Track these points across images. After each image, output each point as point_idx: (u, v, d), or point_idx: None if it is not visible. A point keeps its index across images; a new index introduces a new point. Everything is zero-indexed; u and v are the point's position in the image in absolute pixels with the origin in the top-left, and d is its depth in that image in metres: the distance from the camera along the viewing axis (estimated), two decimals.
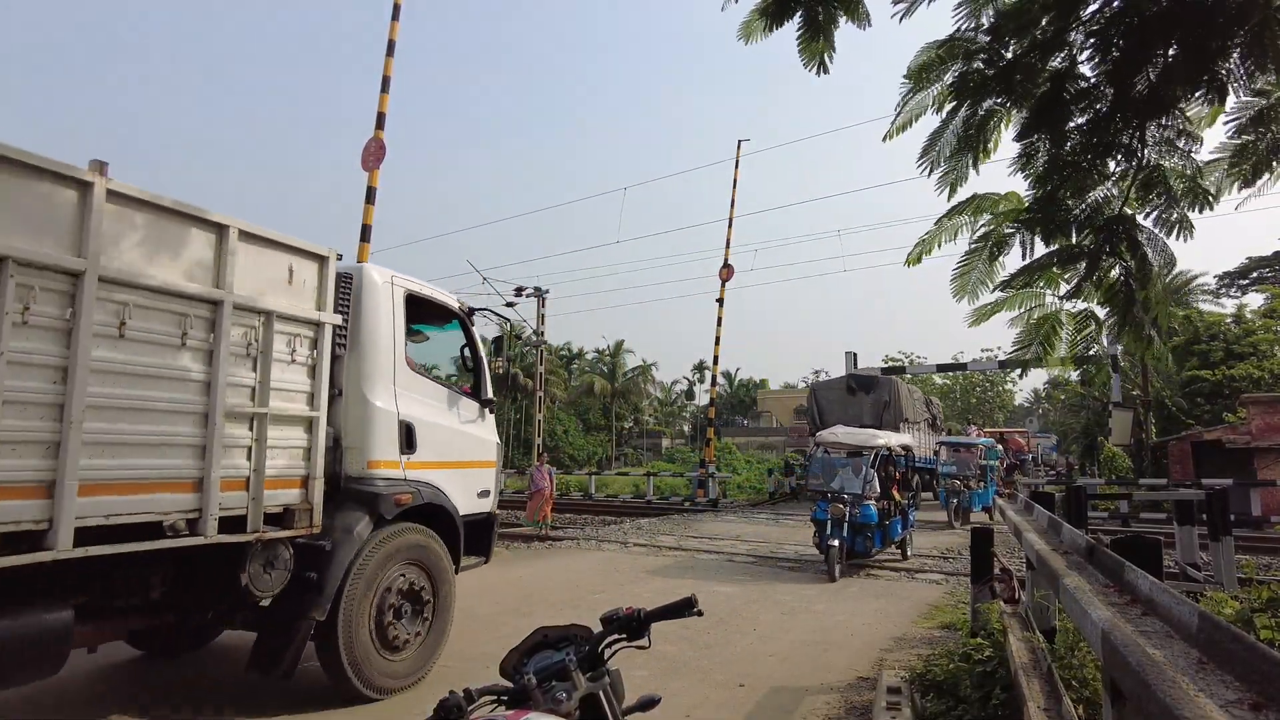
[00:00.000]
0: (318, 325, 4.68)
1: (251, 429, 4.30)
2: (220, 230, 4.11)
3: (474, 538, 6.10)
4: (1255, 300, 30.82)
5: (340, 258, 5.06)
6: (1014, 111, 3.36)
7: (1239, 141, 3.40)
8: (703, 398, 55.44)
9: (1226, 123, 3.37)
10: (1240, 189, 3.51)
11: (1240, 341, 26.43)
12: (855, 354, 27.16)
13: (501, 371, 7.09)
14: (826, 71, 3.39)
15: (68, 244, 3.47)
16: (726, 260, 24.63)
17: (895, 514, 11.28)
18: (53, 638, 3.55)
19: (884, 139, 3.65)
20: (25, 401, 3.27)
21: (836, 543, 9.87)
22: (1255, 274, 36.04)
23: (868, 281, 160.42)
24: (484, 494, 6.33)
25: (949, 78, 3.32)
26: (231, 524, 4.15)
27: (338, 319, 4.92)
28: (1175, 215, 3.44)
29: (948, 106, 3.37)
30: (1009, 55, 3.18)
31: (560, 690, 1.75)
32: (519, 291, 25.47)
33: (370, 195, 14.04)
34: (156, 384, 3.83)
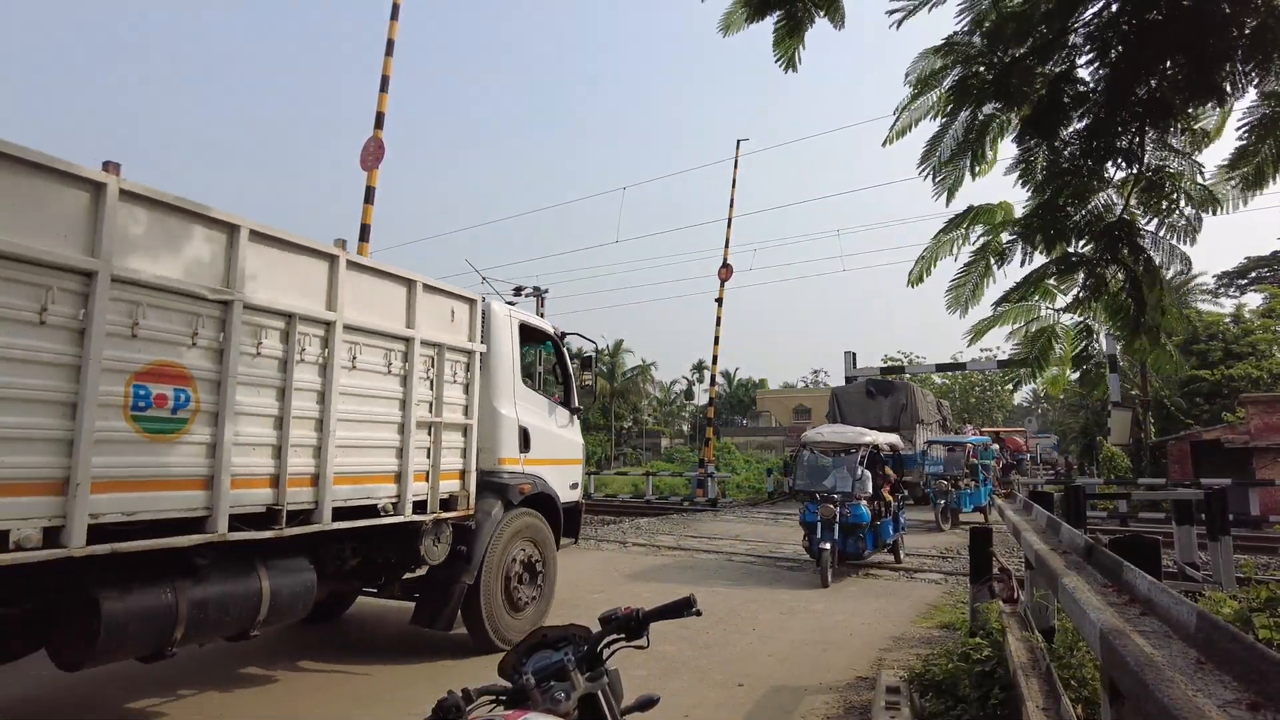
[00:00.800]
0: (470, 353, 6.00)
1: (430, 434, 5.57)
2: (410, 285, 5.42)
3: (567, 522, 7.25)
4: (1254, 300, 30.90)
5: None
6: (1013, 117, 3.35)
7: (1241, 144, 3.39)
8: (702, 397, 55.47)
9: (1238, 128, 3.36)
10: (1243, 192, 3.50)
11: (1239, 341, 26.46)
12: (854, 354, 27.20)
13: (589, 384, 8.28)
14: (794, 69, 3.39)
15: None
16: (726, 260, 24.61)
17: (886, 515, 11.02)
18: (307, 591, 4.75)
19: (883, 144, 3.64)
20: (305, 417, 4.56)
21: (828, 545, 9.58)
22: (1254, 274, 36.09)
23: (867, 281, 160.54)
24: (574, 486, 7.60)
25: (947, 82, 3.31)
26: (417, 507, 5.40)
27: (484, 347, 6.19)
28: (1179, 220, 3.42)
29: (946, 111, 3.36)
30: (1007, 60, 3.16)
31: (559, 690, 1.75)
32: (518, 291, 25.40)
33: (369, 195, 14.03)
34: (374, 401, 5.07)
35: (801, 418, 53.60)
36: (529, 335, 7.14)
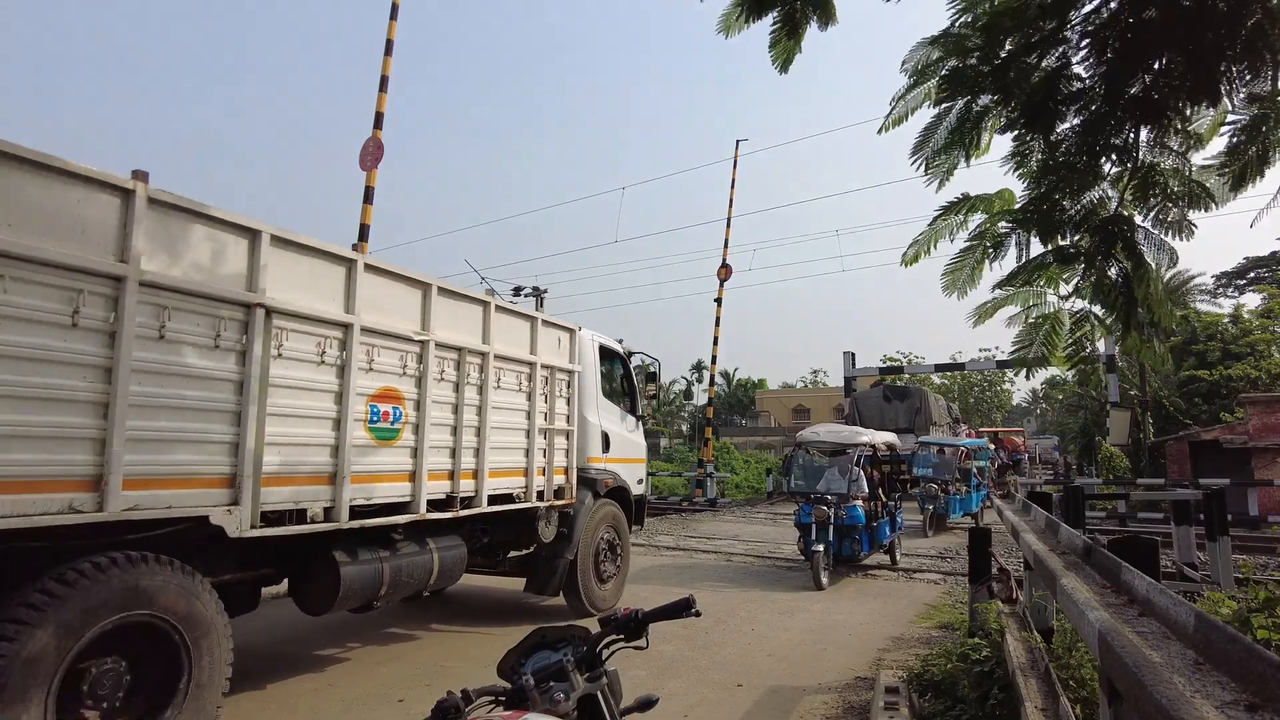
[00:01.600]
0: (571, 372, 7.38)
1: (545, 439, 6.93)
2: (533, 321, 6.84)
3: (636, 511, 8.70)
4: (1252, 300, 30.93)
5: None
6: (1007, 109, 3.35)
7: (1234, 143, 3.40)
8: (701, 397, 55.39)
9: (1225, 128, 3.36)
10: (1230, 190, 3.51)
11: (1238, 341, 26.47)
12: (853, 354, 27.22)
13: (653, 394, 9.89)
14: (785, 71, 3.40)
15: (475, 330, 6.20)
16: (725, 260, 24.62)
17: (883, 516, 10.80)
18: (461, 561, 6.05)
19: (879, 131, 3.63)
20: (469, 426, 5.97)
21: (821, 547, 9.38)
22: (1252, 274, 36.07)
23: (866, 281, 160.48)
24: (640, 481, 8.99)
25: (943, 72, 3.31)
26: (538, 496, 6.81)
27: (580, 367, 7.52)
28: (1173, 216, 3.43)
29: (941, 102, 3.36)
30: (1003, 53, 3.17)
31: (558, 690, 1.75)
32: (517, 291, 25.24)
33: (369, 195, 14.02)
34: (511, 413, 6.53)
35: (801, 418, 53.58)
36: (604, 354, 8.44)
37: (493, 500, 6.24)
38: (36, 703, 3.22)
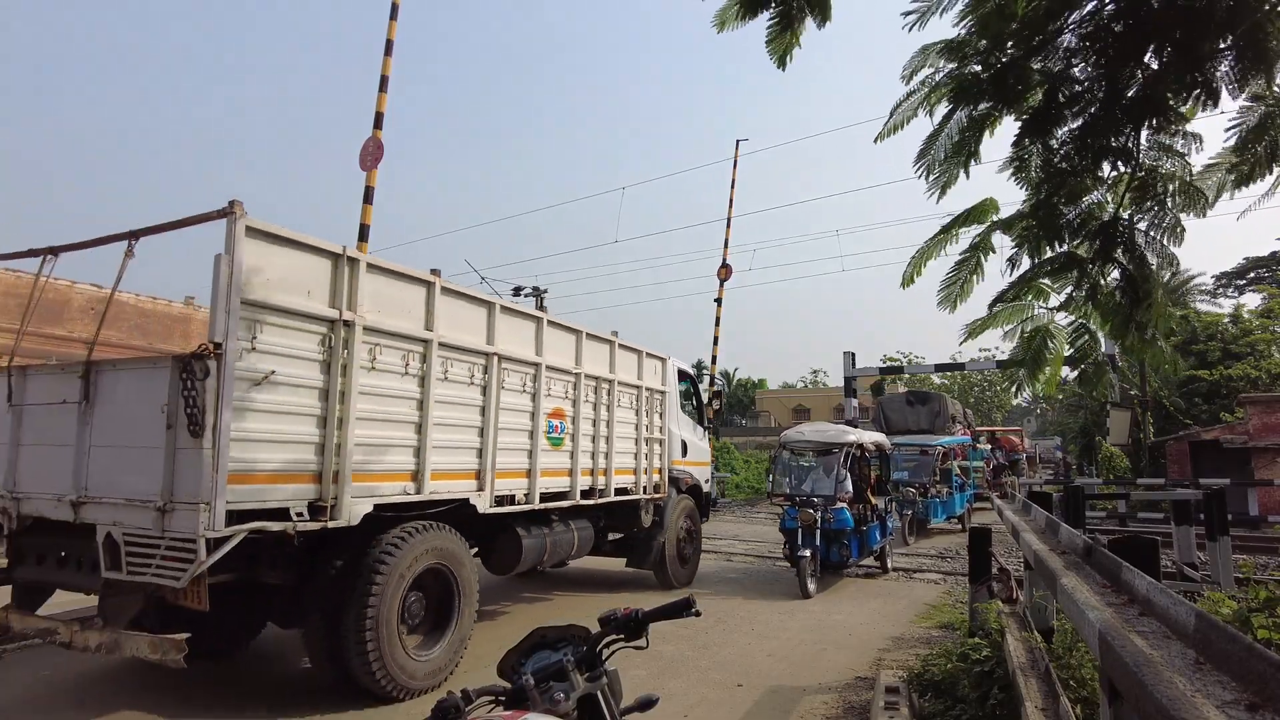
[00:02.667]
0: (664, 393, 9.39)
1: (647, 445, 8.87)
2: (639, 353, 8.79)
3: (706, 506, 10.72)
4: (1252, 300, 30.92)
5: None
6: (1007, 115, 3.35)
7: (1238, 142, 3.40)
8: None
9: (1227, 129, 3.36)
10: (1237, 189, 3.51)
11: (1238, 341, 26.45)
12: (853, 354, 27.16)
13: (717, 408, 12.29)
14: (783, 68, 3.38)
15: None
16: (725, 260, 24.61)
17: (872, 519, 10.19)
18: (591, 539, 8.02)
19: (876, 140, 3.64)
20: (602, 435, 7.95)
21: (808, 552, 8.91)
22: (1252, 274, 36.05)
23: (866, 281, 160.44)
24: (706, 481, 10.75)
25: (943, 80, 3.31)
26: (642, 490, 8.71)
27: (668, 388, 9.49)
28: (1170, 219, 3.43)
29: (942, 110, 3.37)
30: (1003, 59, 3.17)
31: (558, 690, 1.75)
32: (517, 291, 25.33)
33: (368, 195, 14.01)
34: (626, 426, 8.48)
35: (801, 418, 53.55)
36: (680, 376, 10.23)
37: (616, 492, 8.15)
38: (396, 602, 5.01)
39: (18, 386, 5.03)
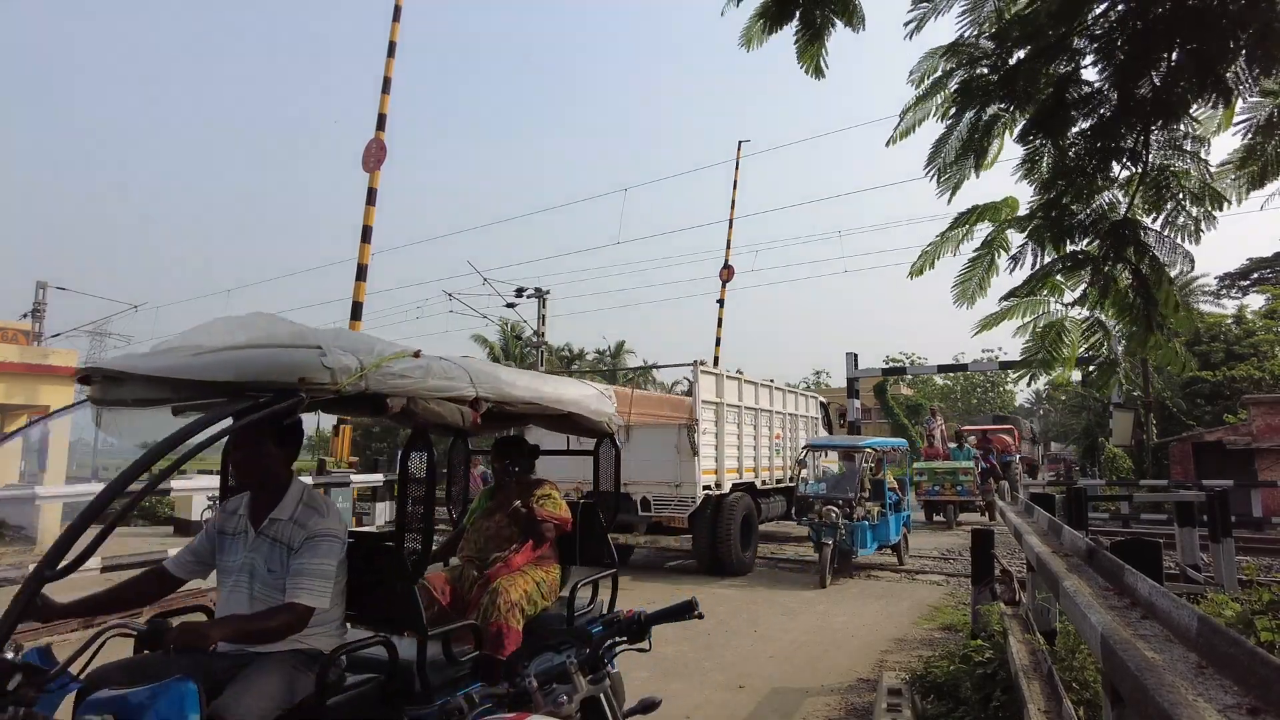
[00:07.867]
0: (815, 419, 15.08)
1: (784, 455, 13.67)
2: (808, 397, 15.33)
3: None
4: (1256, 301, 30.79)
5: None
6: (1018, 116, 3.35)
7: (1247, 143, 3.39)
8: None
9: (1235, 127, 3.36)
10: (1249, 191, 3.50)
11: (1241, 342, 26.37)
12: (856, 355, 27.13)
13: (843, 425, 17.80)
14: (822, 75, 3.38)
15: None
16: (727, 261, 24.62)
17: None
18: (783, 508, 13.08)
19: (887, 144, 3.64)
20: (779, 446, 13.25)
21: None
22: (1256, 275, 35.90)
23: (868, 282, 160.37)
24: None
25: (952, 84, 3.32)
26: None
27: (815, 414, 15.19)
28: (1184, 219, 3.43)
29: (951, 112, 3.37)
30: (1012, 61, 3.17)
31: (561, 692, 1.76)
32: (519, 292, 25.41)
33: (371, 196, 14.06)
34: (792, 441, 13.81)
35: None
36: (820, 406, 15.28)
37: (775, 482, 12.57)
38: (738, 527, 10.64)
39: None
